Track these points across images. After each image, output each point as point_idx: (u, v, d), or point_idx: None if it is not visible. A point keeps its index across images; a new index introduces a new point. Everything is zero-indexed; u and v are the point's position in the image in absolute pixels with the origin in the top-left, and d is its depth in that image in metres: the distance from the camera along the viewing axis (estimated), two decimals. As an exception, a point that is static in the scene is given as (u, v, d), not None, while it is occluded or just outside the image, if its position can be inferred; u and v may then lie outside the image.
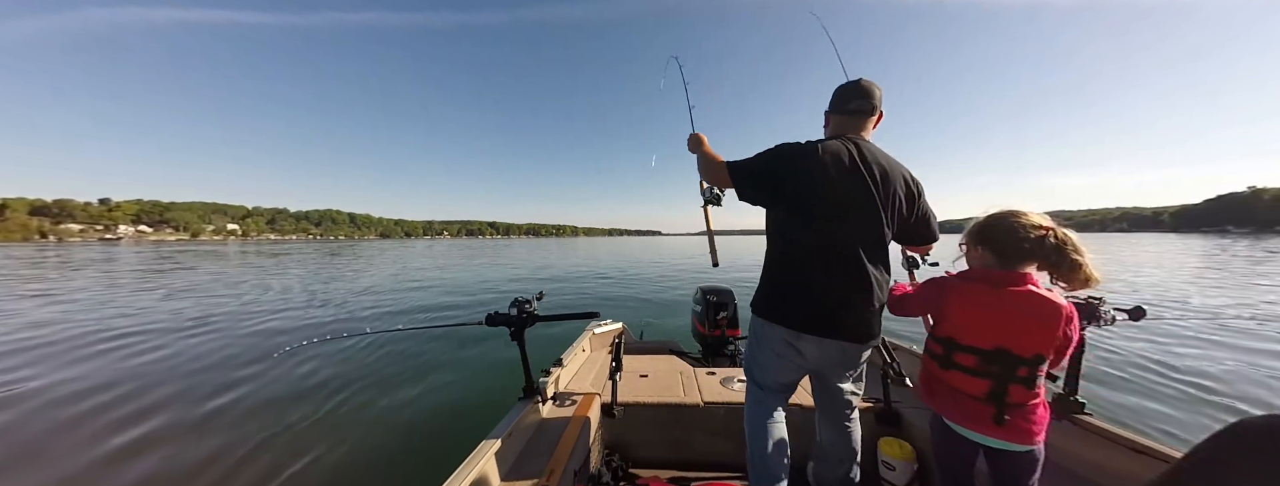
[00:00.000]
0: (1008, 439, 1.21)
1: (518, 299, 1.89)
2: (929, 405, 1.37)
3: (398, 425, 3.46)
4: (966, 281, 1.31)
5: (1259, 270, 14.27)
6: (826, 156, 1.36)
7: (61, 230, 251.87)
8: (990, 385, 1.21)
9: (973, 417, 1.25)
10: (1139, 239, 75.12)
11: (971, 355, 1.23)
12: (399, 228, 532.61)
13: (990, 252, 1.27)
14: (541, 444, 1.79)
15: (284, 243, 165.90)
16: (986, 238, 1.28)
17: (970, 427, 1.26)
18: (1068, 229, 1.18)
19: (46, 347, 5.74)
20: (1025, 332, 1.18)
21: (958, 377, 1.27)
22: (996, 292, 1.22)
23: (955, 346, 1.26)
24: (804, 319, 1.40)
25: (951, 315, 1.29)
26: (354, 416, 3.62)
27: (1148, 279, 12.41)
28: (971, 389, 1.24)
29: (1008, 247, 1.22)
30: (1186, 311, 6.86)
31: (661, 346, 3.43)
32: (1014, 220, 1.22)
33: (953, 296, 1.29)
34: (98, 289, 12.04)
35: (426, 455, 3.04)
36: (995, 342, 1.20)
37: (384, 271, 18.47)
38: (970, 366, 1.24)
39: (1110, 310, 1.54)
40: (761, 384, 1.56)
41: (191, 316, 7.99)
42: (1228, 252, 24.86)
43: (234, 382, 4.42)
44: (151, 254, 38.75)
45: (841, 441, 1.60)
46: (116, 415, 3.62)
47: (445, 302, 10.35)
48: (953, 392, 1.28)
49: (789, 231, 1.45)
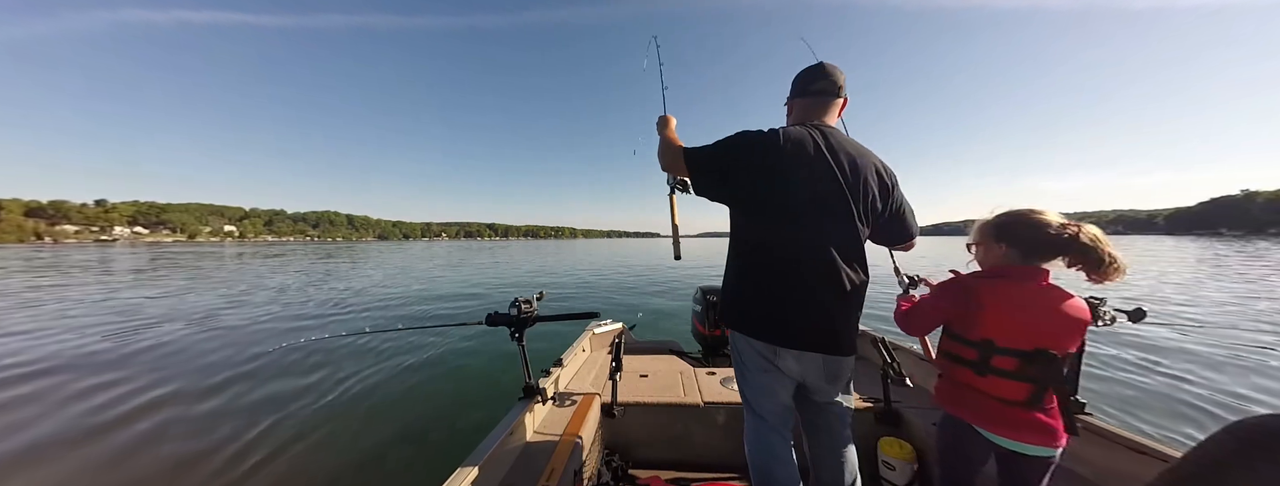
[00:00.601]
0: (1044, 443, 1.17)
1: (518, 299, 1.88)
2: (957, 414, 1.29)
3: (397, 425, 3.45)
4: (996, 279, 1.23)
5: (1254, 271, 14.36)
6: (789, 144, 1.23)
7: (57, 232, 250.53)
8: (1031, 389, 1.15)
9: (1011, 424, 1.19)
10: (1133, 241, 75.51)
11: (1012, 358, 1.17)
12: (397, 229, 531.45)
13: (1014, 249, 1.23)
14: (541, 444, 1.79)
15: (281, 244, 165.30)
16: (1008, 234, 1.24)
17: (1007, 435, 1.19)
18: (1091, 225, 1.16)
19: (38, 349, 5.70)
20: (1060, 331, 1.15)
21: (995, 383, 1.19)
22: (1028, 290, 1.18)
23: (994, 350, 1.18)
24: (777, 331, 1.26)
25: (989, 316, 1.20)
26: (353, 416, 3.60)
27: (1145, 281, 12.46)
28: (1011, 394, 1.18)
29: (1035, 243, 1.19)
30: (1186, 311, 6.88)
31: (661, 346, 3.43)
32: (1036, 217, 1.20)
33: (987, 296, 1.20)
34: (94, 288, 11.97)
35: (426, 455, 3.02)
36: (1034, 343, 1.15)
37: (383, 273, 18.41)
38: (1011, 370, 1.17)
39: (1110, 311, 1.53)
40: (759, 410, 1.36)
41: (189, 316, 7.94)
42: (1221, 252, 25.00)
43: (232, 382, 4.39)
44: (147, 255, 38.55)
45: (835, 462, 1.38)
46: (114, 415, 3.59)
47: (445, 302, 10.33)
48: (988, 400, 1.21)
49: (752, 231, 1.31)
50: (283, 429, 3.34)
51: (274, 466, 2.84)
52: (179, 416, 3.60)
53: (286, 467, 2.84)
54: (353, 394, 4.06)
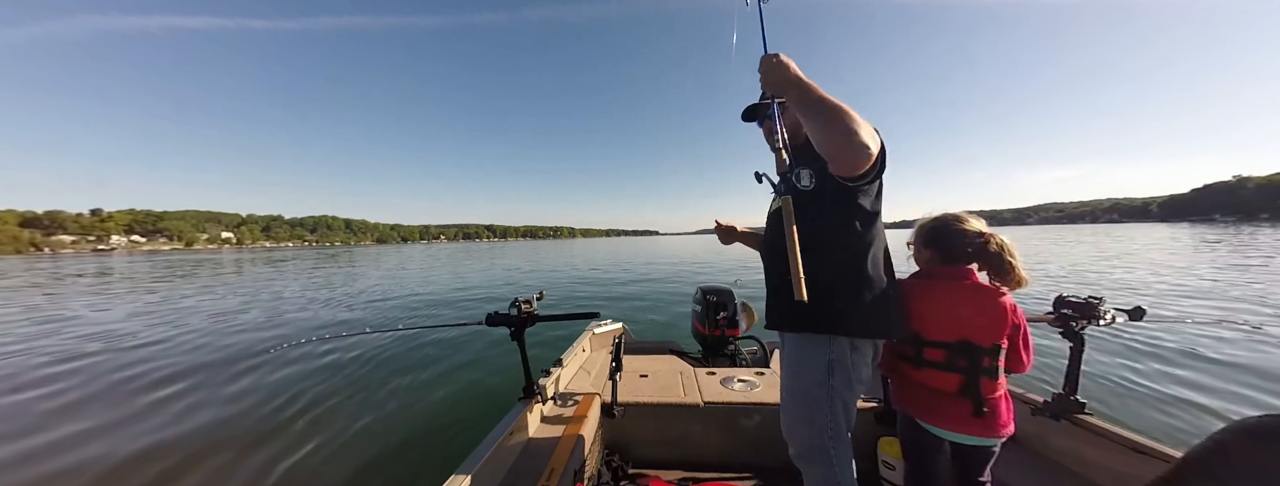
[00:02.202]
0: (980, 434, 1.26)
1: (518, 299, 1.88)
2: (904, 409, 1.40)
3: (397, 425, 3.45)
4: (921, 279, 1.39)
5: (1249, 261, 14.41)
6: None
7: (54, 242, 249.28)
8: (961, 379, 1.25)
9: (947, 416, 1.29)
10: (1129, 229, 75.67)
11: (939, 350, 1.28)
12: (395, 232, 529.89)
13: (938, 254, 1.37)
14: (541, 444, 1.79)
15: (279, 249, 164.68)
16: (933, 241, 1.38)
17: (944, 426, 1.29)
18: (1001, 234, 1.29)
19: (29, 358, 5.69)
20: (981, 322, 1.25)
21: (930, 375, 1.30)
22: (949, 286, 1.31)
23: (923, 343, 1.31)
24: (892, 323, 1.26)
25: (915, 312, 1.32)
26: (353, 416, 3.60)
27: (1140, 275, 12.49)
28: (944, 385, 1.28)
29: (954, 251, 1.33)
30: (1185, 310, 6.88)
31: (661, 346, 3.43)
32: (958, 226, 1.33)
33: (914, 293, 1.33)
34: (93, 298, 11.92)
35: (426, 455, 3.02)
36: (958, 335, 1.26)
37: (382, 275, 18.35)
38: (939, 361, 1.28)
39: (1110, 310, 1.53)
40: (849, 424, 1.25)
41: (187, 315, 7.88)
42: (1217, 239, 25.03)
43: (231, 382, 4.40)
44: (145, 263, 38.39)
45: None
46: (110, 415, 3.59)
47: (445, 302, 10.31)
48: (926, 392, 1.32)
49: (877, 224, 1.24)
50: (282, 429, 3.35)
51: (274, 466, 2.85)
52: (178, 416, 3.60)
53: (286, 467, 2.84)
54: (352, 394, 4.05)
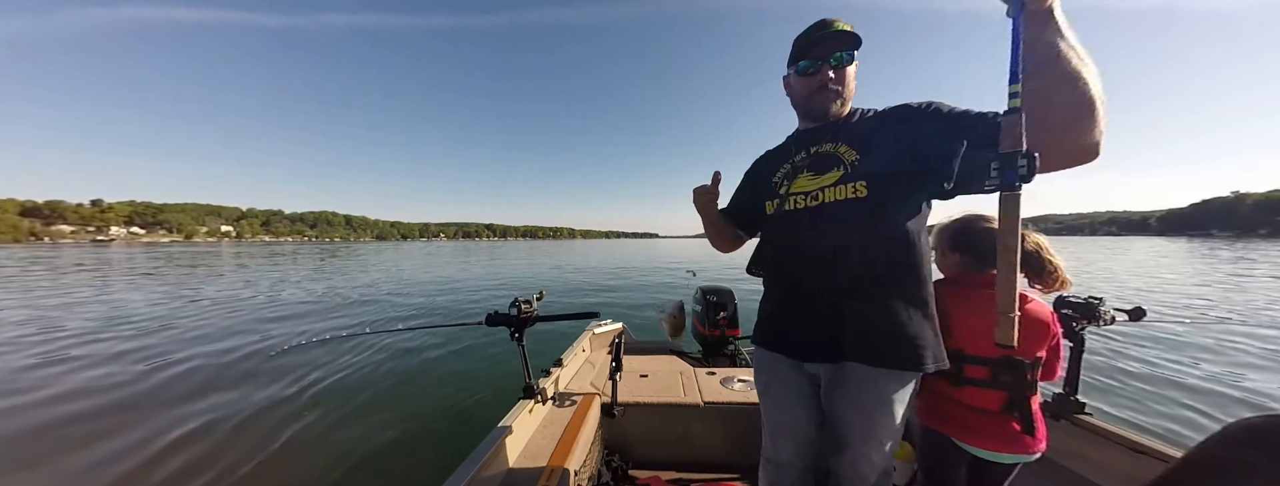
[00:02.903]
0: (1020, 451, 1.15)
1: (517, 299, 1.87)
2: (938, 429, 1.26)
3: (396, 425, 3.43)
4: (954, 287, 1.22)
5: (1245, 271, 14.44)
6: None
7: (53, 231, 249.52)
8: (1005, 397, 1.15)
9: (988, 436, 1.17)
10: (1129, 243, 75.85)
11: (982, 367, 1.16)
12: (395, 229, 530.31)
13: (968, 256, 1.24)
14: (541, 444, 1.78)
15: (279, 244, 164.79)
16: (960, 243, 1.26)
17: (984, 446, 1.17)
18: (1036, 233, 1.19)
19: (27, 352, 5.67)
20: (1025, 334, 1.13)
21: (970, 393, 1.18)
22: (987, 296, 1.18)
23: (965, 359, 1.17)
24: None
25: (956, 325, 1.18)
26: (352, 416, 3.58)
27: (1143, 281, 12.51)
28: (986, 404, 1.17)
29: (987, 253, 1.18)
30: (1185, 311, 6.90)
31: (661, 346, 3.42)
32: (986, 224, 1.21)
33: (952, 304, 1.18)
34: (93, 288, 11.91)
35: (426, 455, 3.01)
36: (1003, 350, 1.14)
37: (382, 273, 18.36)
38: (983, 379, 1.17)
39: (1110, 310, 1.52)
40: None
41: (185, 315, 7.89)
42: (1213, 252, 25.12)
43: (230, 381, 4.37)
44: (144, 255, 38.36)
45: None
46: (109, 414, 3.57)
47: (445, 302, 10.29)
48: (965, 411, 1.20)
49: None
50: (281, 429, 3.33)
51: (273, 466, 2.83)
52: (177, 416, 3.57)
53: (285, 468, 2.82)
54: (351, 394, 4.04)
